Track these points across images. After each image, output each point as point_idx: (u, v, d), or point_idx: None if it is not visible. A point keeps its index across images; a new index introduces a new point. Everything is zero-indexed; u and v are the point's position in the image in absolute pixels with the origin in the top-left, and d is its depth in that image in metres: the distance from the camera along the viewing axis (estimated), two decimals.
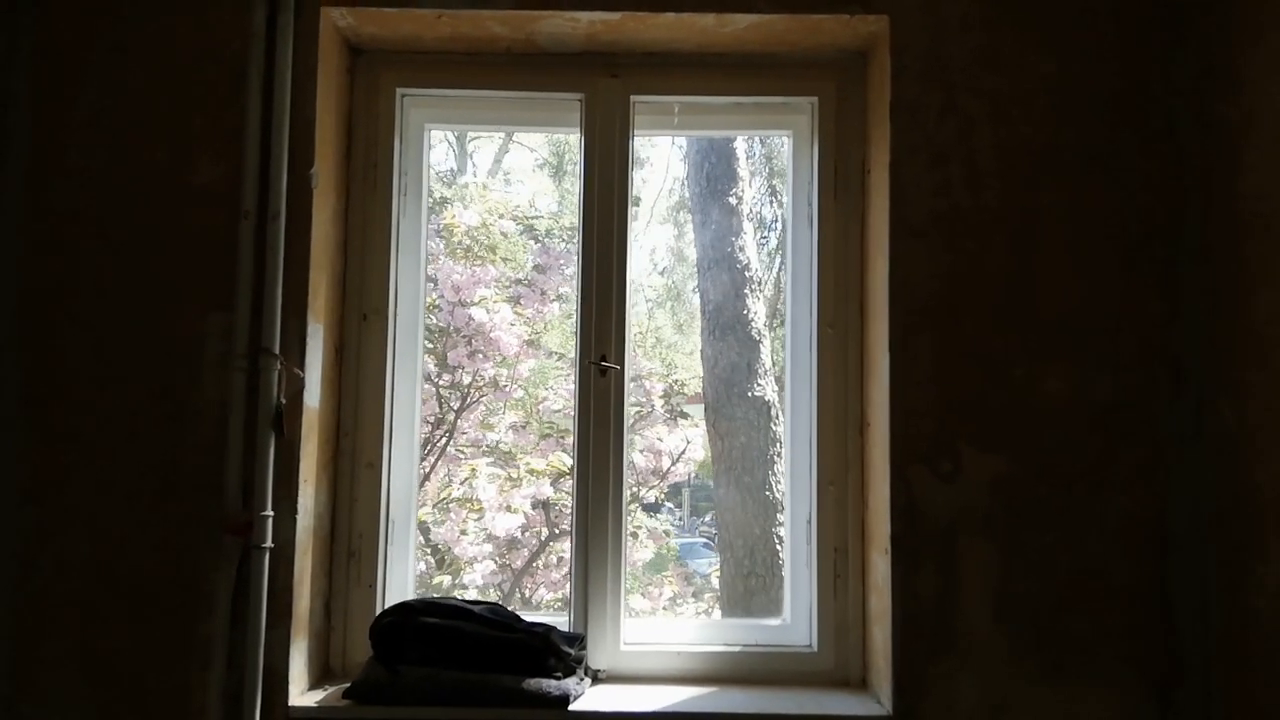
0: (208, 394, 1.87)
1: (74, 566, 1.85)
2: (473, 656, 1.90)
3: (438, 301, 4.85)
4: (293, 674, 1.88)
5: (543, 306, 5.82)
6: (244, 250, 1.87)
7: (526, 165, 7.16)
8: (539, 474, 4.47)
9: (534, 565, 4.96)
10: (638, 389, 5.30)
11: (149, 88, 1.93)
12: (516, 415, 5.09)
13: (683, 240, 6.72)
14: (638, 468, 5.20)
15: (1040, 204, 1.93)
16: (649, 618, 2.29)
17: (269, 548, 1.84)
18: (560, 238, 5.76)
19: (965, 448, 1.89)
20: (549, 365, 5.17)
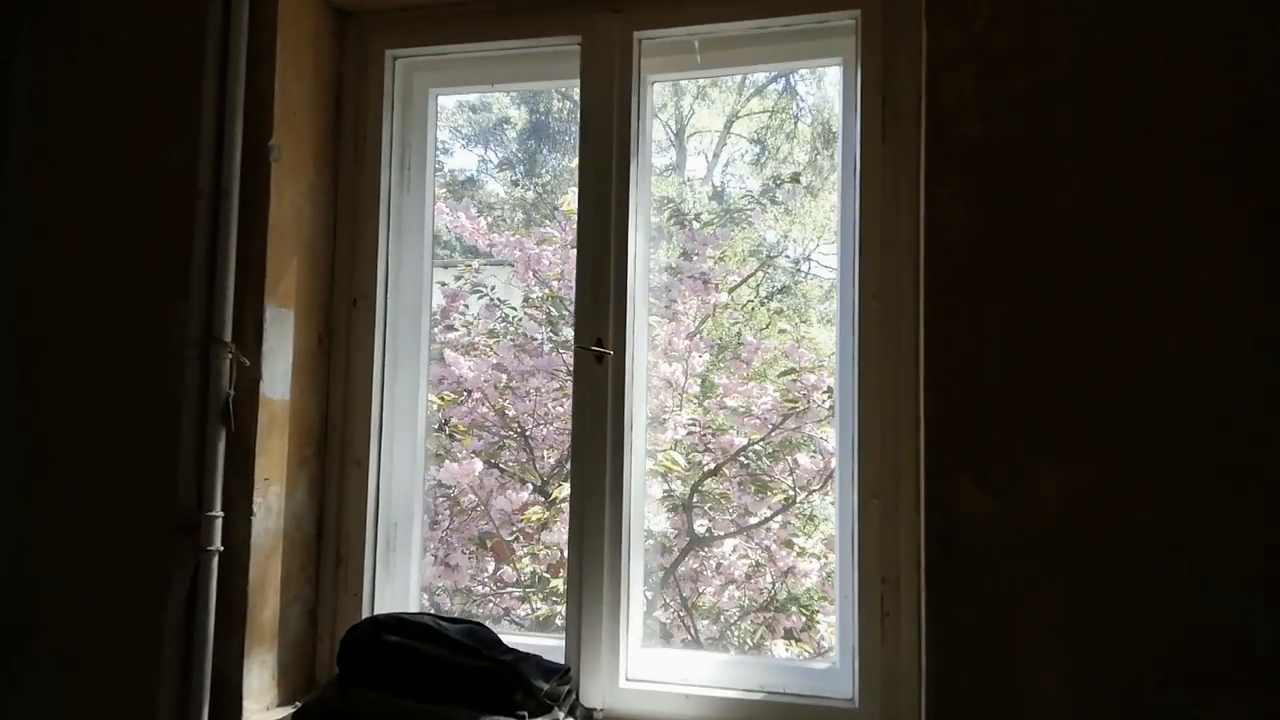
0: (170, 386, 1.77)
1: (58, 561, 1.82)
2: (431, 683, 1.67)
3: (568, 293, 4.69)
4: (250, 687, 1.74)
5: (708, 297, 5.52)
6: (199, 232, 1.75)
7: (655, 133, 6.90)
8: (669, 471, 4.18)
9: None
10: (794, 384, 4.86)
11: (124, 69, 1.85)
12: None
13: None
14: (804, 468, 4.76)
15: (1149, 116, 1.39)
16: (660, 649, 1.95)
17: (218, 550, 1.71)
18: (712, 221, 5.44)
19: (1026, 454, 1.40)
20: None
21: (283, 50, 1.81)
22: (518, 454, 4.24)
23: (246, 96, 1.78)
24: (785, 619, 4.05)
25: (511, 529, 3.87)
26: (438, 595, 3.93)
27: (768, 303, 5.22)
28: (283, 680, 1.82)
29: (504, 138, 8.92)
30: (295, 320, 1.86)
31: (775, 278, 5.67)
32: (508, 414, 4.12)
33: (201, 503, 1.71)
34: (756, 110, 7.01)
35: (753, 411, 4.05)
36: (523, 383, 3.99)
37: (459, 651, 1.70)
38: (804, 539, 4.14)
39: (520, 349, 4.04)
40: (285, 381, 1.83)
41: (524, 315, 4.14)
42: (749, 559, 4.10)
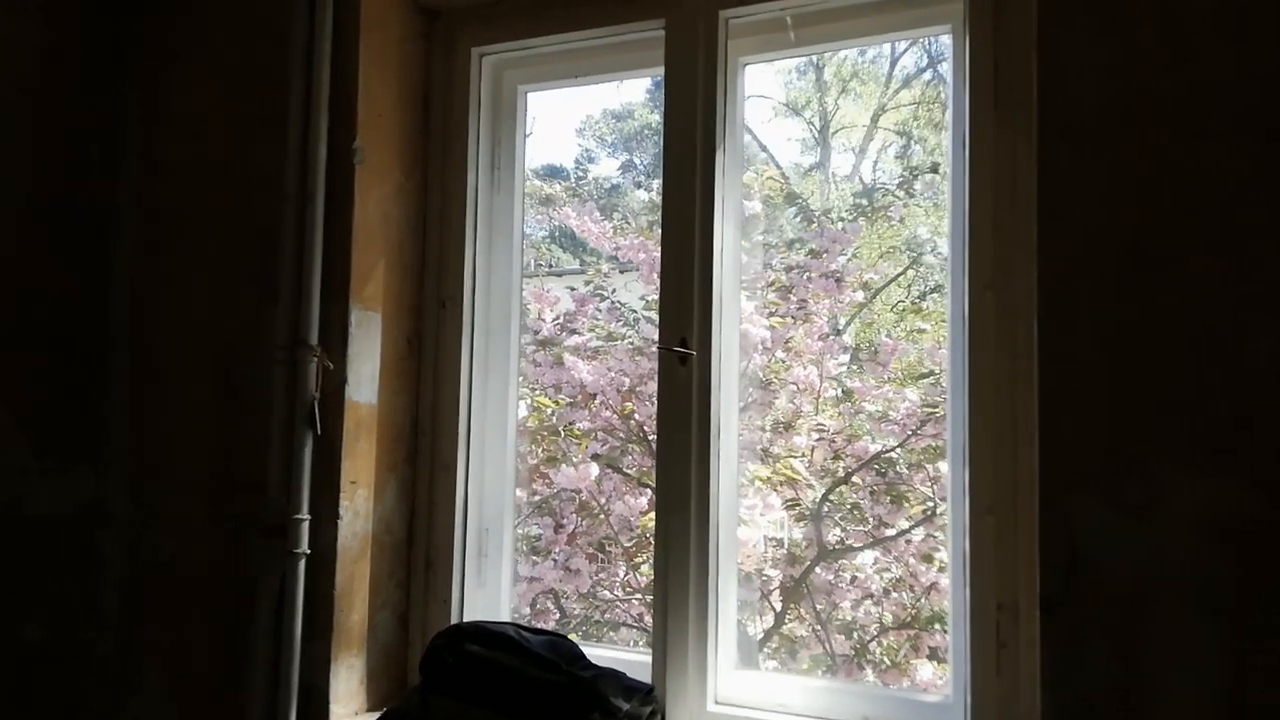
0: (257, 390, 1.80)
1: (162, 559, 1.88)
2: (509, 696, 1.61)
3: None
4: (337, 692, 1.74)
5: (842, 296, 5.30)
6: (286, 236, 1.77)
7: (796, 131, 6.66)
8: (779, 478, 4.00)
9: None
10: (934, 387, 4.56)
11: (216, 79, 1.91)
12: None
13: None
14: (946, 478, 4.47)
15: None
16: (755, 673, 1.81)
17: (304, 553, 1.71)
18: (839, 216, 5.20)
19: (1165, 465, 1.18)
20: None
21: (366, 53, 1.81)
22: (640, 459, 4.17)
23: (331, 100, 1.79)
24: (930, 638, 3.79)
25: (631, 534, 3.81)
26: (563, 599, 3.92)
27: (919, 302, 4.95)
28: (371, 685, 1.81)
29: (646, 143, 8.93)
30: (383, 323, 1.85)
31: (927, 276, 5.37)
32: (632, 418, 4.07)
33: (289, 506, 1.72)
34: (905, 102, 6.70)
35: (890, 417, 3.82)
36: (643, 386, 3.93)
37: (539, 665, 1.63)
38: (946, 553, 3.86)
39: (640, 352, 3.98)
40: (373, 385, 1.83)
41: (644, 318, 4.08)
42: (889, 573, 3.87)
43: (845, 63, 6.86)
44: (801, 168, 7.03)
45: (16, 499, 1.79)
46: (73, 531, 1.88)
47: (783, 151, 7.92)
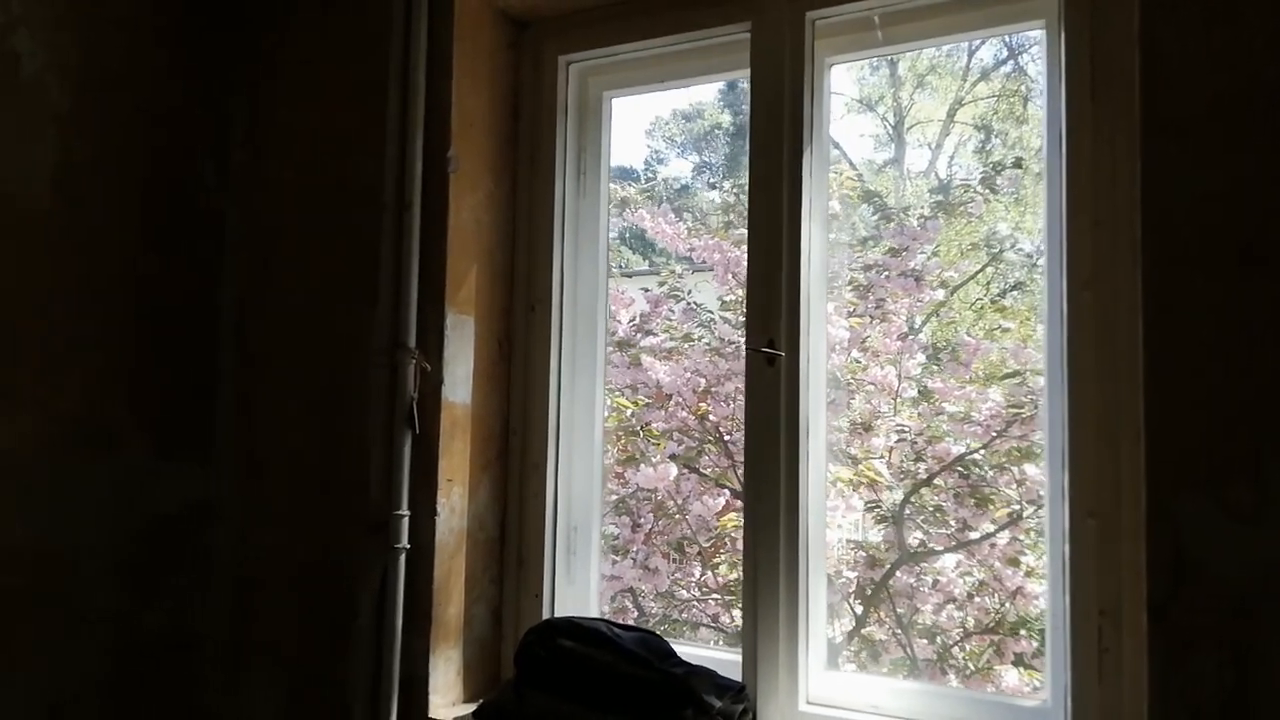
0: (358, 391, 1.87)
1: (269, 553, 1.97)
2: (601, 691, 1.64)
3: None
4: (437, 683, 1.80)
5: (921, 295, 5.23)
6: (385, 243, 1.84)
7: (869, 127, 6.57)
8: (861, 480, 3.96)
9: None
10: (1019, 387, 4.46)
11: (318, 92, 1.98)
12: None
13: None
14: (1033, 480, 4.37)
15: None
16: (845, 674, 1.80)
17: (405, 548, 1.78)
18: (928, 214, 5.12)
19: (1277, 466, 1.15)
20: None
21: (459, 64, 1.86)
22: (717, 459, 4.18)
23: (426, 110, 1.84)
24: (1015, 643, 3.71)
25: (709, 534, 3.82)
26: (641, 598, 3.95)
27: (999, 300, 4.86)
28: (468, 677, 1.87)
29: (718, 144, 8.93)
30: (475, 327, 1.91)
31: (1008, 273, 5.26)
32: (708, 419, 4.08)
33: (390, 503, 1.79)
34: (983, 95, 6.56)
35: (973, 418, 3.75)
36: (720, 387, 3.93)
37: (631, 661, 1.66)
38: (1033, 557, 3.78)
39: (716, 353, 3.99)
40: (466, 386, 1.88)
41: (720, 319, 4.08)
42: (971, 577, 3.80)
43: (920, 57, 6.74)
44: (875, 164, 6.93)
45: (139, 496, 1.89)
46: (186, 527, 1.98)
47: (855, 148, 7.81)
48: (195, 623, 1.98)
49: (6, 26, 1.70)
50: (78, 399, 1.80)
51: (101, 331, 1.84)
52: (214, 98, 2.05)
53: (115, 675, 1.85)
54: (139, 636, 1.89)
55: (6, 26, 1.70)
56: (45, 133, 1.76)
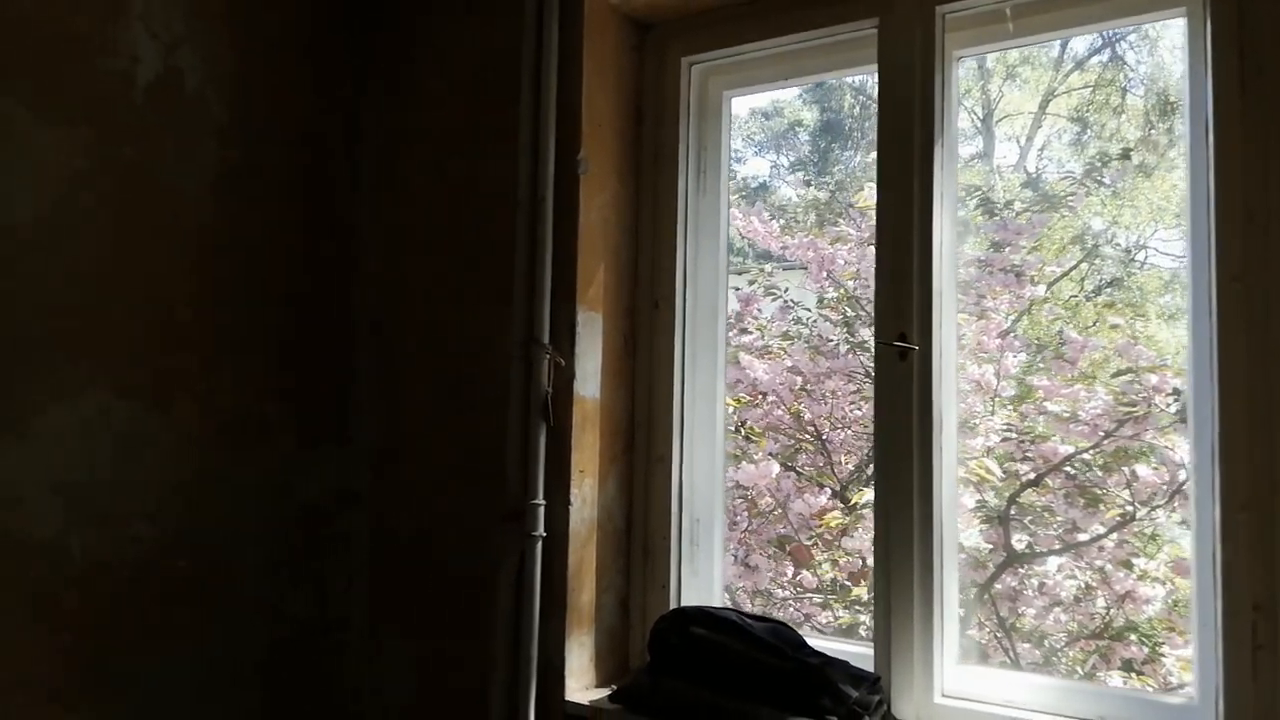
0: (495, 384, 1.94)
1: (407, 540, 2.06)
2: (735, 679, 1.68)
3: (866, 292, 4.54)
4: (572, 668, 1.85)
5: (1021, 291, 5.13)
6: (518, 243, 1.91)
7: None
8: (983, 481, 3.90)
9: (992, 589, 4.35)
10: (1131, 385, 4.33)
11: (450, 97, 2.06)
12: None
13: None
14: (1144, 481, 4.26)
15: None
16: (978, 667, 1.80)
17: (541, 536, 1.84)
18: (1026, 210, 5.02)
19: None
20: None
21: (589, 68, 1.92)
22: (814, 457, 4.17)
23: (557, 113, 1.91)
24: (1123, 648, 3.62)
25: (810, 533, 3.82)
26: (738, 595, 3.97)
27: (1094, 297, 4.73)
28: (599, 664, 1.92)
29: (796, 141, 8.88)
30: (603, 323, 1.96)
31: (1103, 269, 5.12)
32: (803, 417, 4.07)
33: (526, 492, 1.85)
34: (1077, 86, 6.38)
35: (1079, 417, 3.67)
36: (818, 385, 3.93)
37: (765, 650, 1.69)
38: (1145, 560, 3.67)
39: (816, 351, 3.98)
40: (595, 381, 1.94)
41: (819, 317, 4.08)
42: (1077, 580, 3.72)
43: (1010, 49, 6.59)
44: (962, 157, 6.79)
45: (288, 485, 2.00)
46: (328, 515, 2.08)
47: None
48: (336, 606, 2.09)
49: (171, 45, 1.82)
50: (233, 392, 1.91)
51: (252, 329, 1.95)
52: (348, 106, 2.16)
53: (267, 656, 1.96)
54: (286, 619, 2.00)
55: (171, 45, 1.82)
56: (205, 144, 1.88)
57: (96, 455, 1.68)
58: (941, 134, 1.74)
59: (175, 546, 1.79)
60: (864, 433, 4.50)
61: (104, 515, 1.69)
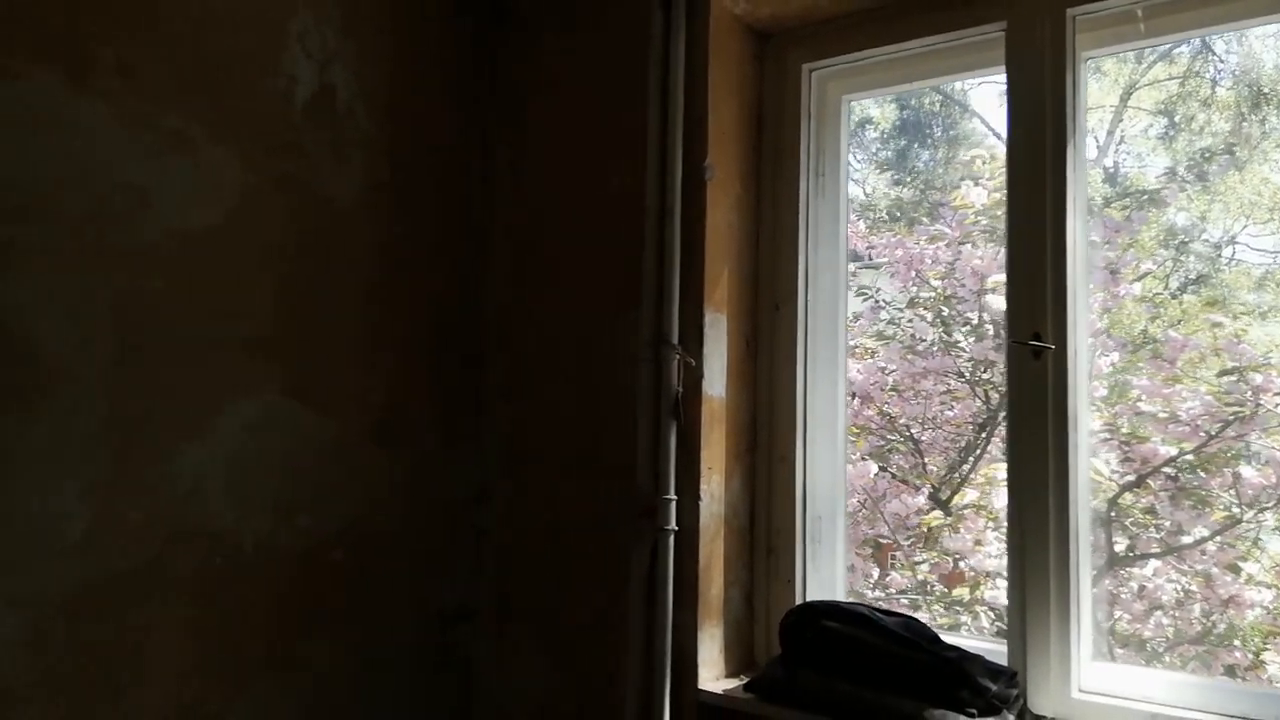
0: (624, 385, 2.01)
1: (538, 535, 2.14)
2: (871, 672, 1.71)
3: (958, 291, 4.52)
4: (703, 658, 1.91)
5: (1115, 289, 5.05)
6: (647, 248, 1.97)
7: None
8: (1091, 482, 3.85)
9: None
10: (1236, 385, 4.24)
11: (577, 110, 2.14)
12: None
13: None
14: (1248, 483, 4.16)
15: None
16: (1119, 665, 1.80)
17: (674, 530, 1.90)
18: (1121, 206, 4.93)
19: None
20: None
21: (713, 78, 1.98)
22: (906, 458, 4.17)
23: (683, 122, 1.97)
24: (1226, 654, 3.55)
25: (907, 534, 3.82)
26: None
27: (1179, 294, 4.63)
28: (728, 655, 1.97)
29: (863, 139, 8.80)
30: (727, 325, 2.01)
31: (1190, 266, 5.00)
32: (896, 418, 4.07)
33: (657, 488, 1.92)
34: (1161, 78, 6.23)
35: (1179, 417, 3.61)
36: (913, 385, 3.92)
37: (900, 643, 1.72)
38: (1251, 564, 3.59)
39: (909, 351, 3.98)
40: (721, 381, 1.99)
41: (912, 317, 4.07)
42: (1177, 583, 3.65)
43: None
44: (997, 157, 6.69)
45: (428, 481, 2.10)
46: (464, 510, 2.18)
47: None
48: (471, 598, 2.18)
49: (325, 61, 1.93)
50: (381, 394, 2.01)
51: (397, 333, 2.05)
52: (481, 118, 2.25)
53: (411, 643, 2.06)
54: (427, 608, 2.10)
55: (325, 61, 1.93)
56: (354, 156, 1.98)
57: (265, 452, 1.79)
58: (1073, 134, 1.75)
59: (333, 538, 1.90)
60: (955, 433, 4.48)
61: (271, 508, 1.80)
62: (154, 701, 1.62)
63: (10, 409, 1.46)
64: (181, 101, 1.69)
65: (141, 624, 1.61)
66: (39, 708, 1.49)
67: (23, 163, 1.49)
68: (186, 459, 1.68)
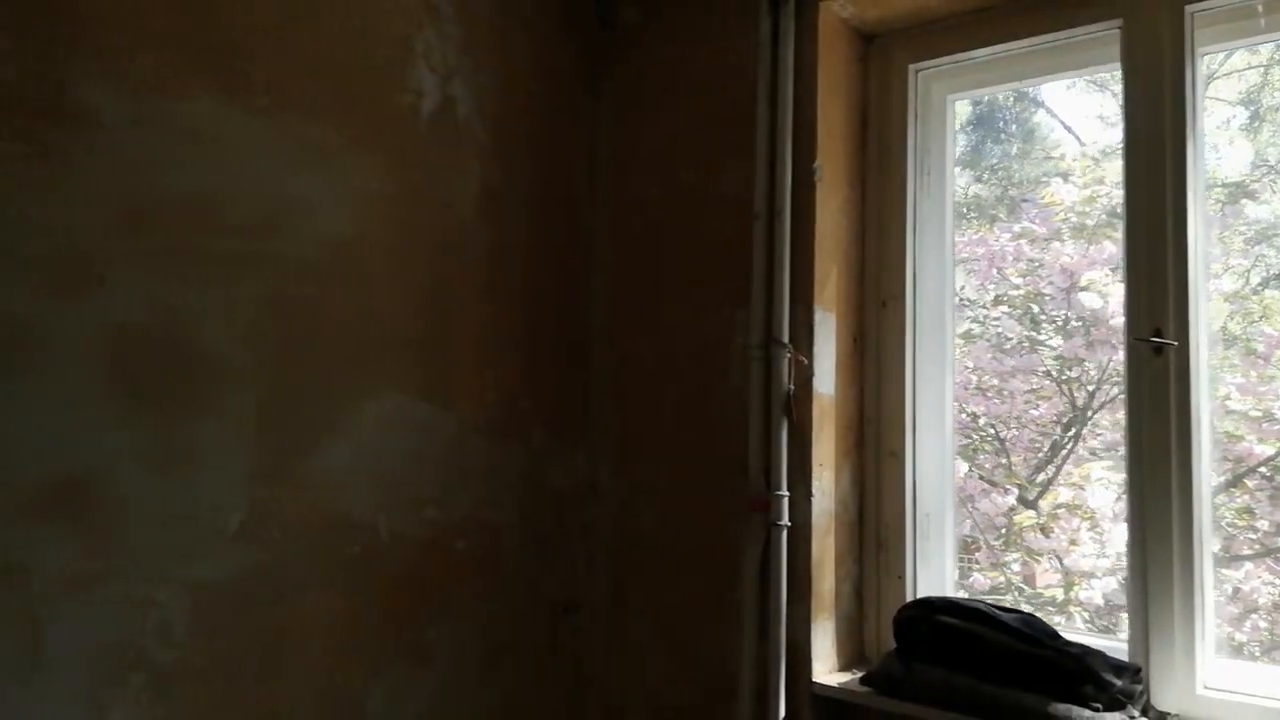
0: (733, 383, 2.05)
1: (646, 529, 2.20)
2: (991, 667, 1.73)
3: (1045, 288, 4.46)
4: (816, 651, 1.95)
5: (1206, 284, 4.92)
6: (756, 249, 2.02)
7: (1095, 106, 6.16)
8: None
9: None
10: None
11: (683, 116, 2.20)
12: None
13: None
14: None
15: None
16: (1244, 661, 1.79)
17: (787, 525, 1.94)
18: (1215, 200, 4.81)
19: None
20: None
21: (821, 81, 2.01)
22: (992, 457, 4.13)
23: (792, 125, 2.01)
24: None
25: (995, 533, 3.79)
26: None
27: (1261, 290, 4.51)
28: (839, 649, 2.01)
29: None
30: (836, 323, 2.05)
31: (1270, 260, 4.86)
32: (978, 417, 4.04)
33: (769, 483, 1.96)
34: (1240, 67, 6.06)
35: (1275, 415, 3.52)
36: (1003, 384, 3.89)
37: (1021, 638, 1.74)
38: None
39: (997, 349, 3.94)
40: (830, 378, 2.03)
41: (1000, 315, 4.03)
42: (1273, 585, 3.57)
43: None
44: (1109, 149, 6.53)
45: (540, 475, 2.17)
46: (573, 504, 2.25)
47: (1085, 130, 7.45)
48: (580, 589, 2.25)
49: (446, 76, 2.01)
50: (496, 391, 2.09)
51: (510, 333, 2.13)
52: (588, 126, 2.32)
53: (526, 631, 2.13)
54: (539, 598, 2.17)
55: (446, 76, 2.01)
56: (471, 165, 2.07)
57: (396, 446, 1.88)
58: (1193, 131, 1.75)
59: (455, 528, 1.98)
60: (1041, 432, 4.43)
61: (403, 499, 1.89)
62: (304, 683, 1.72)
63: (190, 408, 1.57)
64: (324, 116, 1.79)
65: (293, 610, 1.71)
66: (208, 688, 1.59)
67: (192, 175, 1.59)
68: (330, 454, 1.77)
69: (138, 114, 1.53)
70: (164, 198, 1.56)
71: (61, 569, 1.43)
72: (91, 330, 1.47)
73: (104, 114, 1.49)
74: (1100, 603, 4.04)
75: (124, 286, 1.51)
